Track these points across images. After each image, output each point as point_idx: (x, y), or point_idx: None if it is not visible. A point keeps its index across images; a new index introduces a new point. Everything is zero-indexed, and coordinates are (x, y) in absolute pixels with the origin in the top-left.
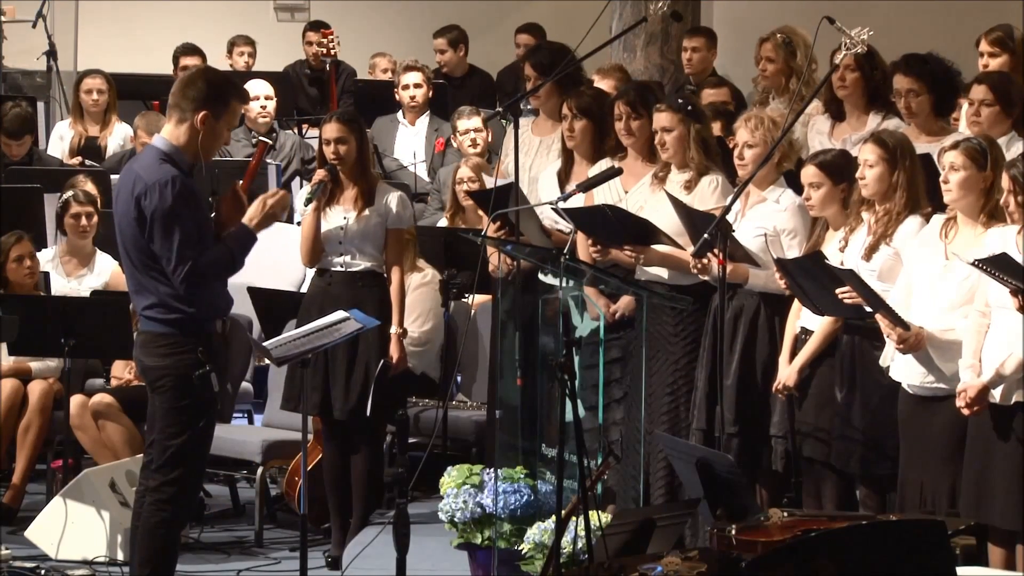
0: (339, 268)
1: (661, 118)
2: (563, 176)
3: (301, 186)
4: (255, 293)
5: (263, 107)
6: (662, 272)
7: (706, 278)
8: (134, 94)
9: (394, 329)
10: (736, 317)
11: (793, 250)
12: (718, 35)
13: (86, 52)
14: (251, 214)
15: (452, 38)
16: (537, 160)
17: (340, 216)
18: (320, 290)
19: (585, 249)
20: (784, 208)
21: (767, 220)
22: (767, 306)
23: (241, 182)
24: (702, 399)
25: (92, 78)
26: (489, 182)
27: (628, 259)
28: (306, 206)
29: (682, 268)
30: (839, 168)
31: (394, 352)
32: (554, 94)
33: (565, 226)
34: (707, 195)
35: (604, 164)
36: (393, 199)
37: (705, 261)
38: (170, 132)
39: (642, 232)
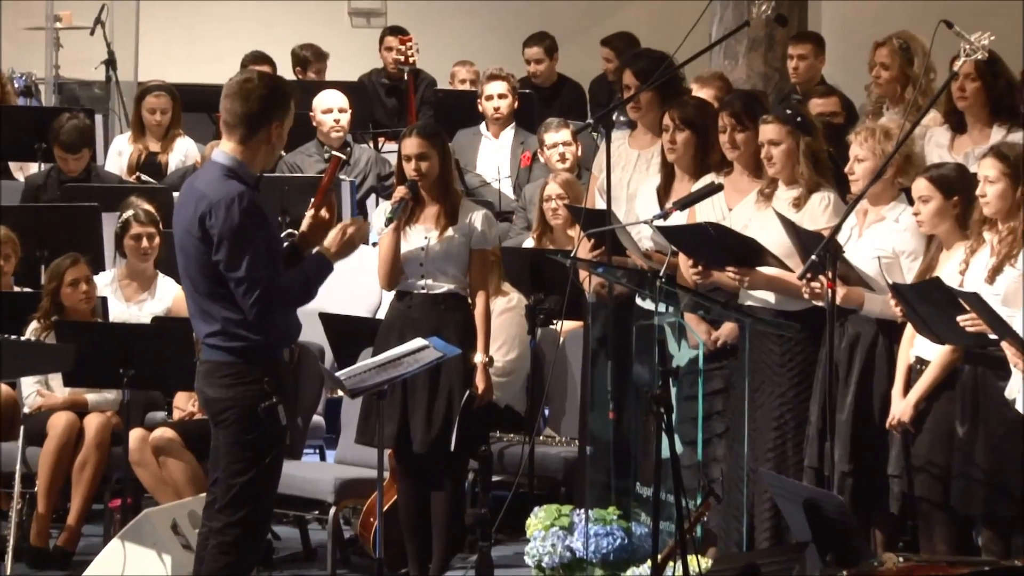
0: (420, 291)
1: (768, 130)
2: (663, 192)
3: (377, 203)
4: (327, 319)
5: (336, 120)
6: (768, 296)
7: (818, 303)
8: (198, 106)
9: (479, 357)
10: (852, 346)
11: (913, 273)
12: (826, 40)
13: (148, 61)
14: (330, 241)
15: (547, 46)
16: (635, 175)
17: (421, 236)
18: (399, 314)
19: (685, 271)
20: (904, 228)
21: (885, 240)
22: (885, 334)
23: (312, 201)
24: (814, 435)
25: (156, 96)
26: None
27: (731, 282)
28: (386, 226)
29: (791, 292)
30: (951, 182)
31: (480, 382)
32: (655, 104)
33: (664, 246)
34: (817, 213)
35: (708, 179)
36: (477, 217)
37: (816, 284)
38: (232, 147)
39: (747, 253)
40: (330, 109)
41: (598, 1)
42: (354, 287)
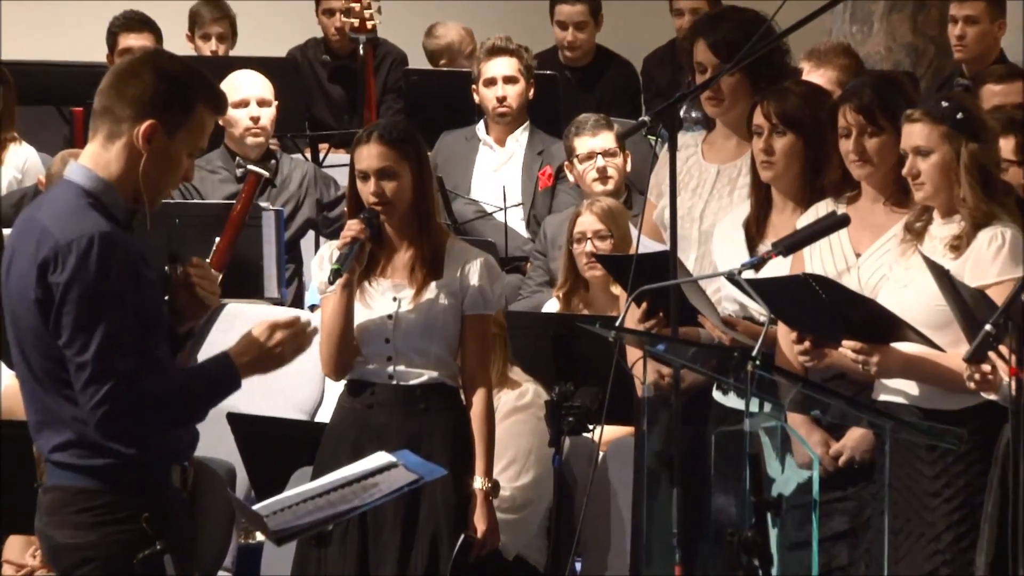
0: (386, 381)
1: (913, 132)
2: (755, 228)
3: (317, 245)
4: (241, 423)
5: (254, 117)
6: (911, 388)
7: (990, 396)
8: (44, 96)
9: (478, 483)
10: None
11: None
12: None
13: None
14: (244, 347)
15: (592, 4)
16: (713, 202)
17: (387, 297)
18: (354, 417)
19: (787, 349)
20: None
21: None
22: None
23: (218, 241)
24: None
25: None
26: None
27: (854, 365)
28: (332, 282)
29: (945, 381)
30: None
31: (479, 521)
32: (743, 94)
33: (756, 310)
34: (986, 260)
35: (823, 208)
36: (473, 267)
37: (987, 370)
38: (95, 156)
39: (876, 322)
40: (244, 101)
41: None
42: (285, 374)
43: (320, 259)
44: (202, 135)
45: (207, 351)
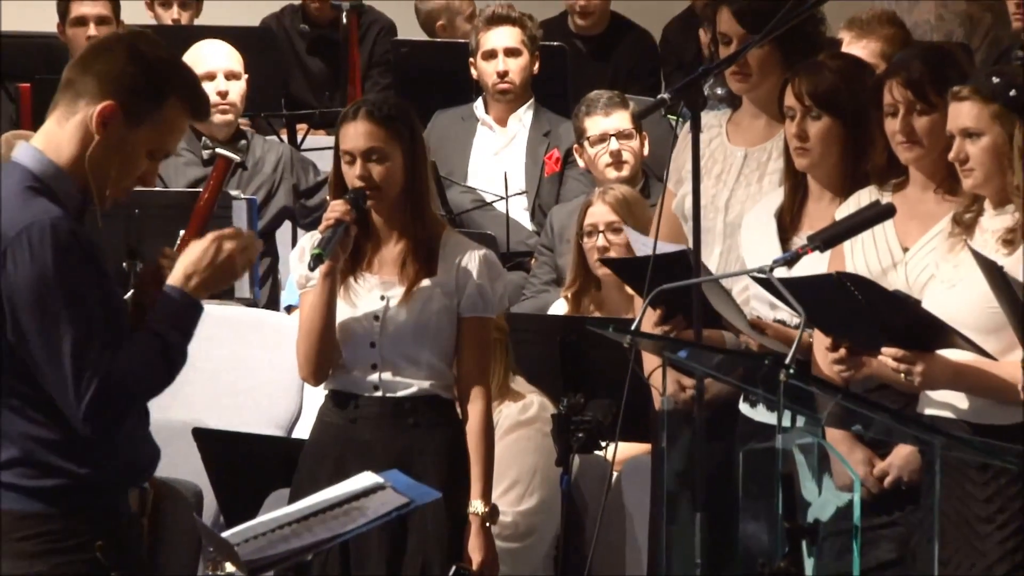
0: (372, 392)
1: (962, 112)
2: (787, 219)
3: (295, 237)
4: (208, 439)
5: (223, 93)
6: (960, 400)
7: None
8: None
9: (475, 507)
10: None
11: None
12: None
13: None
14: (190, 267)
15: None
16: (740, 189)
17: (374, 294)
18: (335, 433)
19: (821, 357)
20: None
21: None
22: None
23: (183, 234)
24: None
25: None
26: (639, 243)
27: (895, 375)
28: (312, 269)
29: (1000, 393)
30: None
31: (475, 550)
32: (774, 67)
33: (787, 314)
34: None
35: (866, 197)
36: (471, 262)
37: None
38: (48, 135)
39: (919, 326)
40: (210, 73)
41: None
42: (256, 383)
43: (300, 251)
44: (170, 135)
45: None
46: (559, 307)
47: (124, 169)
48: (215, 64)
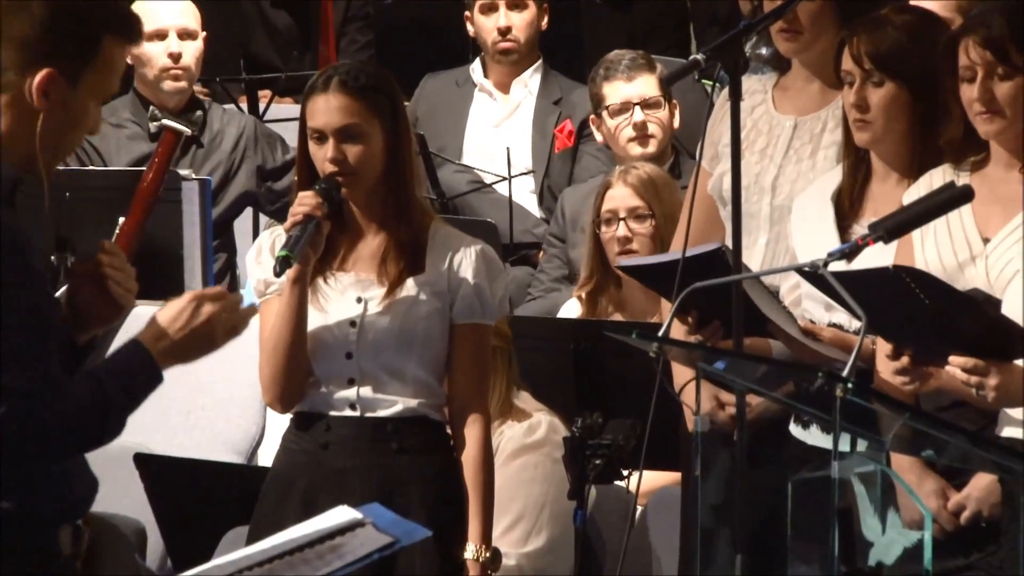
0: (347, 412)
1: None
2: (847, 203)
3: (257, 229)
4: (153, 467)
5: (174, 54)
6: None
7: None
8: None
9: (471, 551)
10: None
11: None
12: None
13: None
14: (163, 326)
15: None
16: (789, 167)
17: (349, 297)
18: (304, 460)
19: (885, 367)
20: None
21: None
22: None
23: (123, 221)
24: None
25: None
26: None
27: (967, 389)
28: (278, 275)
29: None
30: None
31: None
32: (828, 23)
33: (845, 317)
34: None
35: (939, 177)
36: (465, 260)
37: None
38: None
39: (993, 331)
40: (160, 32)
41: None
42: (209, 401)
43: (258, 249)
44: (113, 75)
45: None
46: (571, 309)
47: (74, 131)
48: (166, 21)
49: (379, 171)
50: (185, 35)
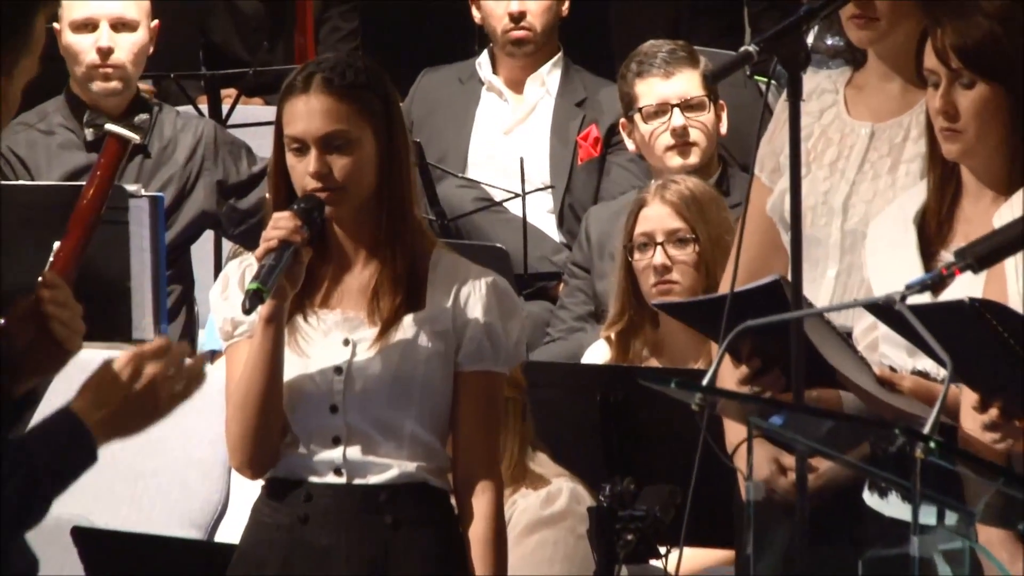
0: (329, 478)
1: None
2: (933, 226)
3: (221, 261)
4: (94, 543)
5: (102, 50)
6: None
7: None
8: None
9: None
10: None
11: None
12: None
13: None
14: (97, 394)
15: None
16: (864, 183)
17: (333, 336)
18: (279, 537)
19: (968, 422)
20: None
21: None
22: None
23: (57, 246)
24: None
25: None
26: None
27: None
28: (247, 313)
29: None
30: None
31: None
32: (908, 11)
33: (932, 365)
34: None
35: None
36: (474, 291)
37: None
38: None
39: None
40: (92, 21)
41: None
42: (163, 463)
43: (224, 282)
44: (38, 50)
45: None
46: (599, 352)
47: (5, 119)
48: (96, 8)
49: (370, 187)
50: (121, 25)
